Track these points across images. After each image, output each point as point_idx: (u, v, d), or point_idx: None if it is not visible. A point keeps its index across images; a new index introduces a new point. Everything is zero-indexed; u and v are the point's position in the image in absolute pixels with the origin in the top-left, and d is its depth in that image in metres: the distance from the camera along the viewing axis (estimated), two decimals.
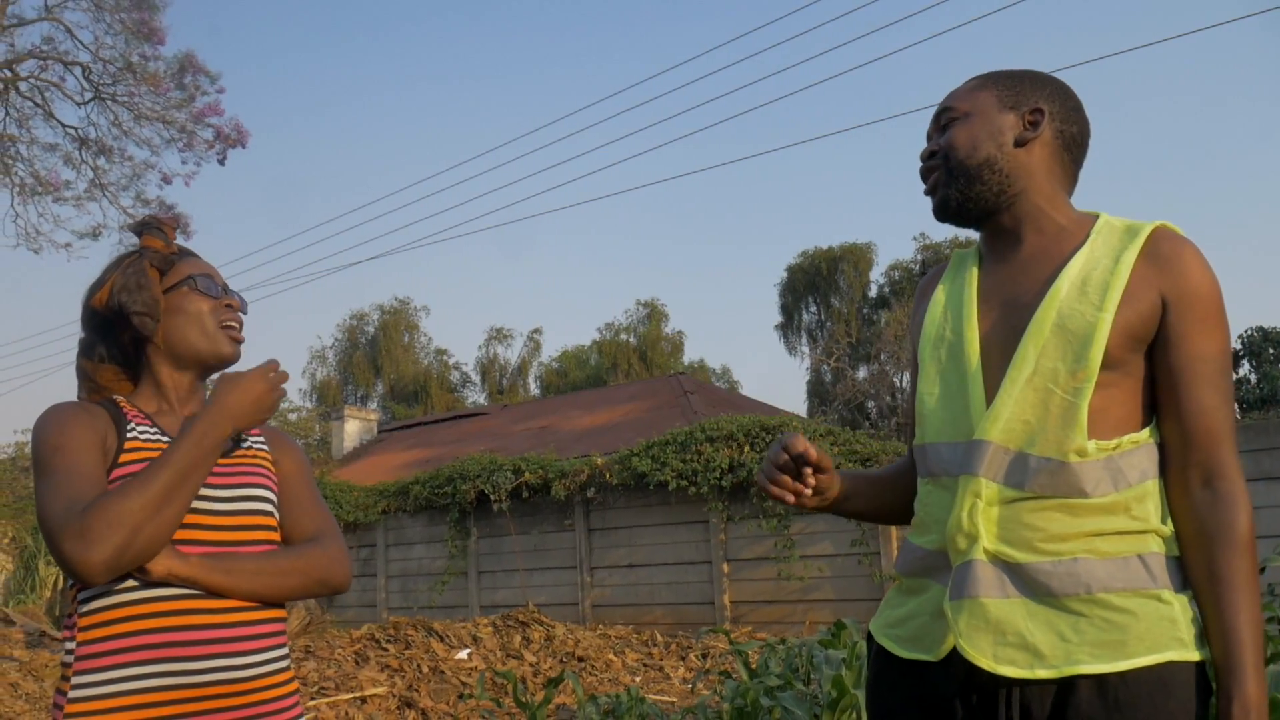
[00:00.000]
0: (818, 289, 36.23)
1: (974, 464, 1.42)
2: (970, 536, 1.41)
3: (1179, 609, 1.36)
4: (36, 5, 12.84)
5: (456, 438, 18.61)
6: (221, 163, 13.66)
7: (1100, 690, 1.33)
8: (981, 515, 1.41)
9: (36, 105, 13.71)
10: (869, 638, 1.62)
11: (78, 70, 13.42)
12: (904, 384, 30.24)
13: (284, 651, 1.64)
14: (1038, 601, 1.37)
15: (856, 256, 35.73)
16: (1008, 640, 1.37)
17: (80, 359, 1.71)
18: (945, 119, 1.58)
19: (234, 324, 1.70)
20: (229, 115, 13.49)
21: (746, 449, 10.40)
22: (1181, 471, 1.39)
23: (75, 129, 13.84)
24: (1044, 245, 1.50)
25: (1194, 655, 1.34)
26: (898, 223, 55.18)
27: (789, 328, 37.06)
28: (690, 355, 40.29)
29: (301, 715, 1.67)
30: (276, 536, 1.68)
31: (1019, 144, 1.52)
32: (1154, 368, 1.42)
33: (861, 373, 31.84)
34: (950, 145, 1.55)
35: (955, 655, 1.41)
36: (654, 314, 39.61)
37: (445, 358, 41.60)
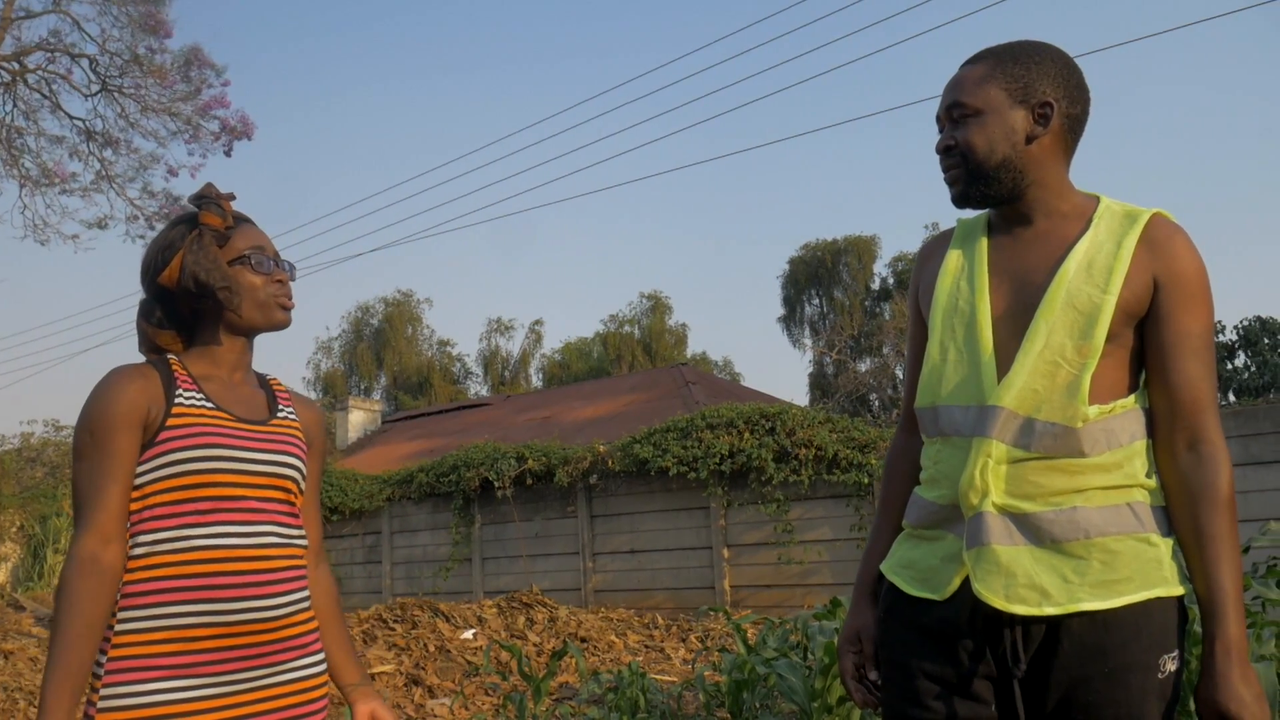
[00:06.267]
0: (820, 281, 36.32)
1: (986, 427, 1.57)
2: (982, 492, 1.56)
3: (1164, 551, 1.54)
4: None
5: (459, 428, 18.75)
6: (228, 154, 13.79)
7: (1091, 616, 1.51)
8: (991, 473, 1.56)
9: (44, 97, 13.82)
10: (879, 579, 1.79)
11: (84, 62, 13.52)
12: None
13: (305, 593, 1.79)
14: (1041, 548, 1.54)
15: (860, 249, 35.81)
16: (1018, 582, 1.53)
17: (140, 320, 1.84)
18: (957, 113, 1.66)
19: (284, 295, 1.84)
20: (235, 108, 13.61)
21: (746, 435, 10.54)
22: (1169, 436, 1.55)
23: (82, 121, 13.94)
24: (1050, 227, 1.64)
25: (1176, 591, 1.53)
26: (901, 215, 55.23)
27: (791, 320, 37.18)
28: (693, 348, 40.43)
29: (321, 650, 1.83)
30: (298, 503, 1.83)
31: (1030, 140, 1.62)
32: (1144, 341, 1.58)
33: (864, 365, 31.94)
34: (969, 148, 1.64)
35: (960, 594, 1.58)
36: (657, 306, 39.74)
37: (448, 349, 41.79)
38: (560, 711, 5.17)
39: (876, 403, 29.84)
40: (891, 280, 35.00)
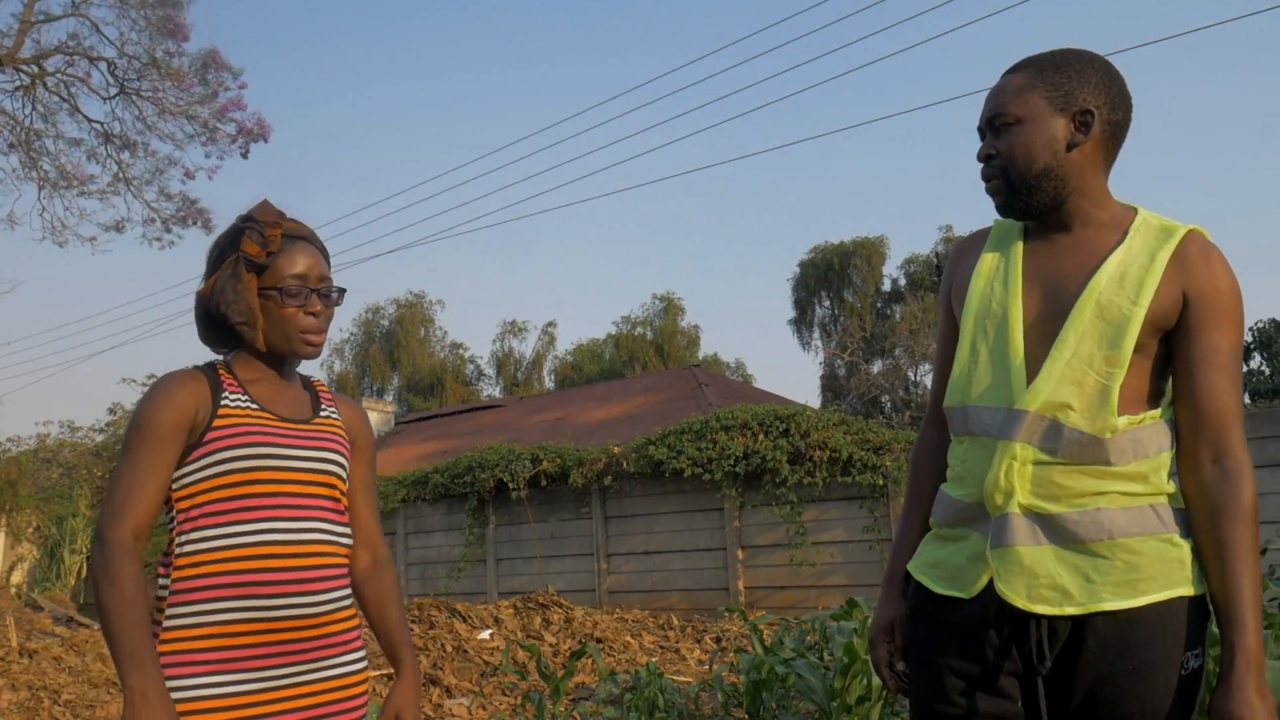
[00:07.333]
0: (830, 284, 36.26)
1: (1013, 430, 1.60)
2: (1007, 493, 1.60)
3: (1186, 551, 1.57)
4: (63, 1, 13.08)
5: (473, 429, 18.80)
6: (244, 156, 13.87)
7: (1115, 614, 1.55)
8: (1017, 474, 1.59)
9: (62, 100, 13.90)
10: (907, 575, 1.83)
11: (103, 65, 13.60)
12: (919, 376, 30.26)
13: (347, 591, 1.84)
14: (1065, 547, 1.57)
15: (869, 251, 35.74)
16: (1040, 582, 1.57)
17: (195, 316, 1.90)
18: (999, 122, 1.66)
19: (312, 330, 1.83)
20: (251, 110, 13.68)
21: (761, 437, 10.56)
22: (1193, 448, 1.58)
23: (100, 124, 14.03)
24: (1087, 235, 1.65)
25: (1197, 590, 1.57)
26: (910, 217, 55.14)
27: (802, 322, 37.13)
28: (705, 349, 40.43)
29: (362, 647, 1.88)
30: (343, 501, 1.89)
31: (1071, 147, 1.63)
32: (1172, 354, 1.61)
33: (876, 367, 31.88)
34: (1009, 158, 1.65)
35: (986, 592, 1.62)
36: (670, 307, 39.75)
37: (460, 351, 41.89)
38: (580, 711, 5.21)
39: (889, 404, 29.79)
40: (903, 281, 34.93)
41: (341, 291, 1.91)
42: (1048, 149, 1.63)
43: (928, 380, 30.51)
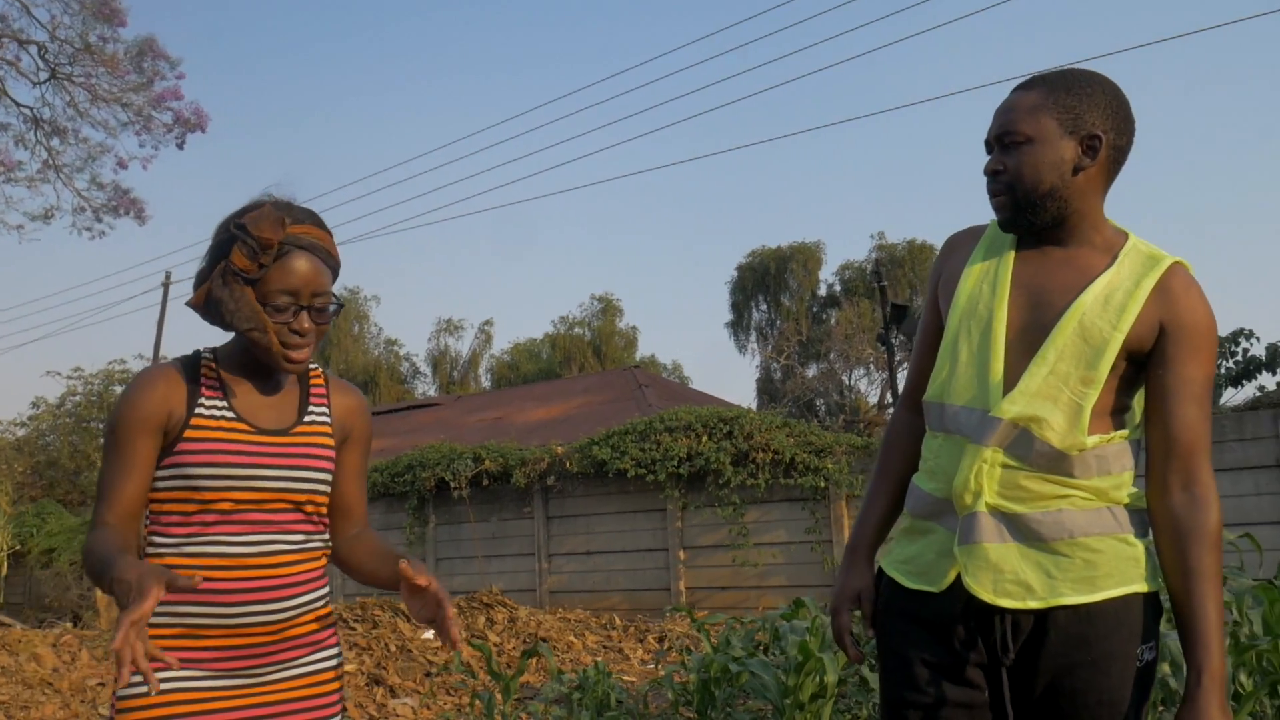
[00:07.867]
0: (767, 288, 36.56)
1: (986, 435, 1.66)
2: (975, 493, 1.67)
3: (1141, 549, 1.67)
4: None
5: (410, 428, 18.64)
6: (180, 147, 13.56)
7: (1075, 608, 1.63)
8: (986, 475, 1.66)
9: None
10: (880, 572, 1.89)
11: (33, 49, 13.22)
12: (853, 381, 30.70)
13: (321, 593, 1.82)
14: (1029, 545, 1.65)
15: (805, 256, 36.12)
16: (1005, 578, 1.64)
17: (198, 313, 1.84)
18: (1008, 140, 1.69)
19: (294, 347, 1.74)
20: (189, 99, 13.38)
21: (704, 439, 10.65)
22: (1163, 475, 1.65)
23: (30, 109, 13.63)
24: (1080, 254, 1.71)
25: (1150, 587, 1.67)
26: (845, 223, 55.97)
27: (739, 326, 37.39)
28: (642, 350, 40.52)
29: (336, 645, 1.86)
30: (318, 512, 1.82)
31: (1077, 170, 1.66)
32: (1146, 381, 1.68)
33: (811, 371, 32.27)
34: (1017, 176, 1.67)
35: (955, 586, 1.69)
36: (608, 308, 39.76)
37: (396, 348, 41.44)
38: (529, 710, 5.21)
39: (823, 408, 30.18)
40: (838, 287, 35.38)
41: (340, 306, 1.84)
42: (1055, 170, 1.66)
43: (862, 385, 31.01)
